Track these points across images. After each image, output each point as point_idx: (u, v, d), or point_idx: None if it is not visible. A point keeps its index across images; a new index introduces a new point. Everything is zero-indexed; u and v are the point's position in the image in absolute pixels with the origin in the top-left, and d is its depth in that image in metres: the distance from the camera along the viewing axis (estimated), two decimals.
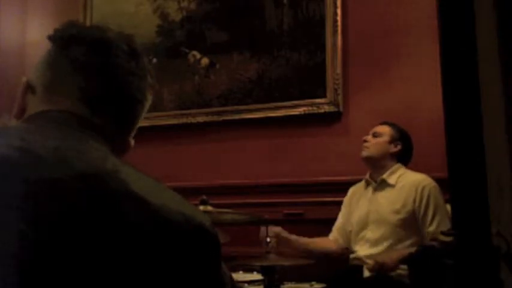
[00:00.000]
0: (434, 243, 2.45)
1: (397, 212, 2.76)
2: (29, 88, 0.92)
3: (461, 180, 0.67)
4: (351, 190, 3.04)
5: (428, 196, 2.72)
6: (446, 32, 0.68)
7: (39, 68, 0.92)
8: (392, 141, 2.90)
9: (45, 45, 0.94)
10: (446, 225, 2.61)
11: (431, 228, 2.66)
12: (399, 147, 2.91)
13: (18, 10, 4.14)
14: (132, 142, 0.97)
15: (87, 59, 0.90)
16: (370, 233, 2.81)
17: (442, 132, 0.69)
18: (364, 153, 2.91)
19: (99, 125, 0.88)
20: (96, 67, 0.90)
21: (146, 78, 0.96)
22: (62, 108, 0.87)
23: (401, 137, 2.92)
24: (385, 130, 2.93)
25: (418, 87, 3.17)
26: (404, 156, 2.93)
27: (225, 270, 0.84)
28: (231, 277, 0.87)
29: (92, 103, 0.89)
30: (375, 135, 2.92)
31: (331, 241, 3.03)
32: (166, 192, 0.82)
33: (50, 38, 0.93)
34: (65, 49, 0.91)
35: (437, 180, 2.74)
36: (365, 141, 2.91)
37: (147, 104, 0.97)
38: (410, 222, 2.73)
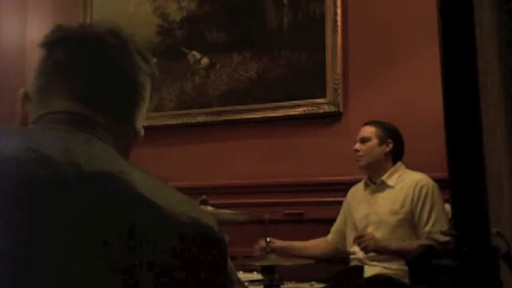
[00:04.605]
0: (432, 243, 2.45)
1: (396, 212, 2.76)
2: (26, 97, 0.93)
3: (461, 180, 0.67)
4: (351, 191, 3.03)
5: (426, 196, 2.72)
6: (446, 32, 0.68)
7: (33, 76, 0.93)
8: (382, 141, 2.88)
9: None
10: (442, 225, 2.61)
11: (427, 228, 2.66)
12: (391, 145, 2.89)
13: (18, 10, 4.14)
14: (142, 130, 0.97)
15: (69, 59, 0.91)
16: None
17: (441, 132, 0.69)
18: (361, 163, 2.90)
19: (99, 120, 0.88)
20: (79, 64, 0.91)
21: (138, 66, 0.94)
22: (57, 109, 0.88)
23: (390, 134, 2.90)
24: (371, 132, 2.91)
25: (418, 87, 3.17)
26: (398, 151, 2.92)
27: (232, 268, 0.85)
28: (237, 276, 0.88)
29: (85, 100, 0.89)
30: (363, 141, 2.91)
31: (324, 242, 3.04)
32: (173, 194, 0.82)
33: (39, 45, 0.94)
34: (49, 53, 0.93)
35: (437, 179, 2.74)
36: (356, 150, 2.90)
37: (146, 91, 0.96)
38: (409, 223, 2.73)
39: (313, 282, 2.59)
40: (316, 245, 3.05)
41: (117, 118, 0.92)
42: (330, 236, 3.05)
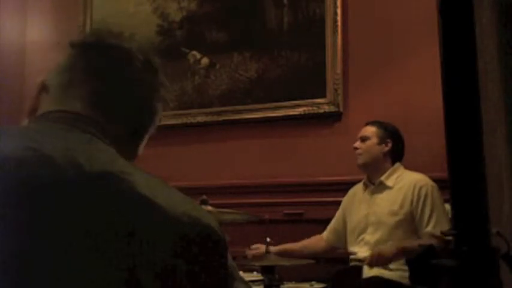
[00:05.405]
0: (433, 241, 2.45)
1: (395, 213, 2.75)
2: (44, 88, 0.93)
3: (461, 180, 0.67)
4: (350, 192, 3.03)
5: (425, 196, 2.71)
6: (446, 32, 0.68)
7: (57, 69, 0.94)
8: (381, 141, 2.88)
9: (45, 45, 0.95)
10: (444, 226, 2.61)
11: (428, 229, 2.65)
12: (390, 145, 2.89)
13: (18, 10, 4.14)
14: (141, 151, 0.99)
15: (101, 66, 0.93)
16: (369, 236, 2.80)
17: (441, 132, 0.69)
18: (359, 161, 2.90)
19: (108, 129, 0.89)
20: (110, 74, 0.93)
21: (159, 91, 0.97)
22: (73, 109, 0.89)
23: (389, 133, 2.90)
24: (372, 131, 2.91)
25: (418, 87, 3.17)
26: (398, 152, 2.92)
27: (234, 266, 0.85)
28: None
29: (102, 108, 0.90)
30: (363, 140, 2.91)
31: (320, 241, 3.05)
32: (174, 194, 0.82)
33: (71, 44, 0.95)
34: (83, 54, 0.94)
35: (437, 180, 2.74)
36: (356, 148, 2.91)
37: (157, 117, 0.99)
38: (408, 224, 2.73)
39: (313, 282, 2.59)
40: (312, 245, 3.05)
41: (126, 135, 0.93)
42: (325, 234, 3.06)
